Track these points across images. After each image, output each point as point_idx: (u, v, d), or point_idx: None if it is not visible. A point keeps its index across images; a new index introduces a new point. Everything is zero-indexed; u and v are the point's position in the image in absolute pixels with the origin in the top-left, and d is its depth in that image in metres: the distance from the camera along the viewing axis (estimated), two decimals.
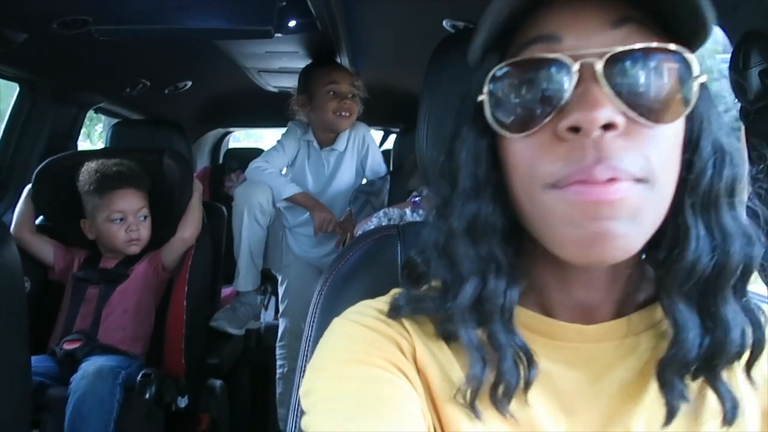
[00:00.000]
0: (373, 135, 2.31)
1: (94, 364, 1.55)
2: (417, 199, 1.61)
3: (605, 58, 0.44)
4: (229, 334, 2.08)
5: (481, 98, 0.49)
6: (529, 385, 0.49)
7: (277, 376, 2.18)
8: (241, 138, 5.71)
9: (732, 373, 0.51)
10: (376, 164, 2.18)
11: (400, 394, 0.48)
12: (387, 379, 0.49)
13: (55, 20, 1.51)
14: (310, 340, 0.72)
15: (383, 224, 1.49)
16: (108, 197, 1.77)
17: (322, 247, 2.13)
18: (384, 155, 2.35)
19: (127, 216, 1.79)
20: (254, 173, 2.07)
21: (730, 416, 0.48)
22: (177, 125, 2.28)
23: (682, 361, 0.48)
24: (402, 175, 1.91)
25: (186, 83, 2.51)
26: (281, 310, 2.21)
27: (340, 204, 2.10)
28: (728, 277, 0.48)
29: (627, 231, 0.44)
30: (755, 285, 0.53)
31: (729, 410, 0.48)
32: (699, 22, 0.46)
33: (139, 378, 1.61)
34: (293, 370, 1.91)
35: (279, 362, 2.18)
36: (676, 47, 0.46)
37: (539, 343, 0.51)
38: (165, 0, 1.40)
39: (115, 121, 2.44)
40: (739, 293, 0.50)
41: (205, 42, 1.95)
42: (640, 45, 0.45)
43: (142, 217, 1.83)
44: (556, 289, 0.53)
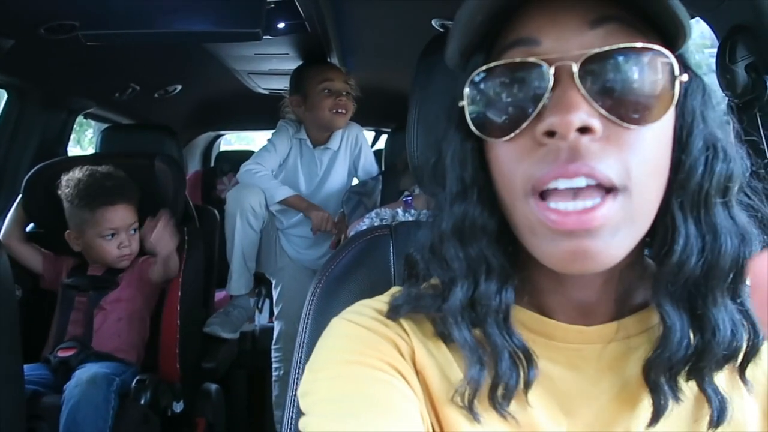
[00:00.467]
0: (365, 135, 2.30)
1: (88, 371, 1.54)
2: (408, 198, 1.61)
3: (581, 60, 0.44)
4: (223, 337, 2.07)
5: (462, 103, 0.49)
6: (529, 386, 0.49)
7: (273, 379, 2.17)
8: (232, 141, 5.71)
9: (732, 374, 0.50)
10: (368, 164, 2.18)
11: (397, 395, 0.48)
12: (384, 380, 0.49)
13: (42, 25, 1.50)
14: (304, 340, 0.72)
15: (375, 224, 1.49)
16: (101, 213, 1.72)
17: (316, 248, 2.12)
18: (375, 155, 2.35)
19: (119, 232, 1.75)
20: (246, 176, 2.05)
21: (716, 418, 0.48)
22: (168, 129, 2.26)
23: (668, 361, 0.47)
24: (394, 175, 1.91)
25: (176, 87, 2.49)
26: (276, 313, 2.20)
27: (333, 204, 2.09)
28: (719, 278, 0.47)
29: (608, 245, 0.44)
30: None
31: (716, 411, 0.48)
32: (673, 21, 0.45)
33: (133, 384, 1.60)
34: (289, 373, 1.89)
35: (275, 365, 2.17)
36: (653, 46, 0.44)
37: (540, 344, 0.51)
38: (152, 3, 1.39)
39: (103, 126, 2.42)
40: (735, 294, 0.48)
41: (194, 45, 1.95)
42: (617, 45, 0.44)
43: (132, 230, 1.79)
44: (553, 290, 0.52)
